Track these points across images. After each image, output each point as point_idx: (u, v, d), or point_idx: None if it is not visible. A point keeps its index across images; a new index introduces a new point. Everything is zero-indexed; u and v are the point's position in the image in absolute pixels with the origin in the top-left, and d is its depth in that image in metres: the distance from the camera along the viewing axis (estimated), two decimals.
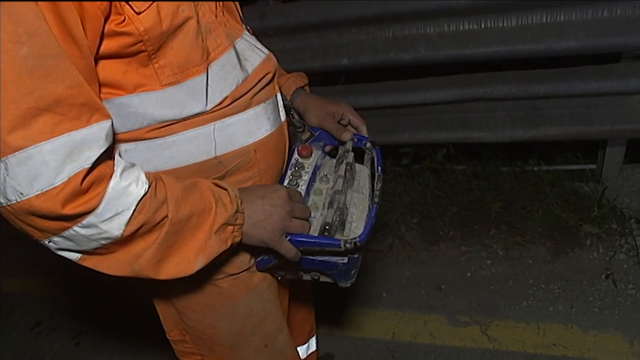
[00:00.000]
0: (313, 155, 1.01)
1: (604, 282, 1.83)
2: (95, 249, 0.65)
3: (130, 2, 0.63)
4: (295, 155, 0.99)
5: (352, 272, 0.90)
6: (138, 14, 0.64)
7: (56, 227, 0.61)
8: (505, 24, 1.82)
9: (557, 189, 2.15)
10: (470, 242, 2.16)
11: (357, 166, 1.04)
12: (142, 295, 0.96)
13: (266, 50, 0.88)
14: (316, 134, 1.04)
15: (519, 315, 1.80)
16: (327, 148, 1.05)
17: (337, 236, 0.86)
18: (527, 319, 1.78)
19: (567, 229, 2.03)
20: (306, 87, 1.09)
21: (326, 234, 0.83)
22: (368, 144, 1.02)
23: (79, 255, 0.67)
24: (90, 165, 0.59)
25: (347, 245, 0.79)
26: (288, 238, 0.80)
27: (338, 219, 0.85)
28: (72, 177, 0.58)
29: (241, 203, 0.76)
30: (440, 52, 1.92)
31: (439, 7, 1.84)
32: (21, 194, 0.57)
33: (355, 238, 0.80)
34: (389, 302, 2.00)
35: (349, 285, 0.92)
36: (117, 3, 0.62)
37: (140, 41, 0.66)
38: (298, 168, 0.97)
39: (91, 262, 0.67)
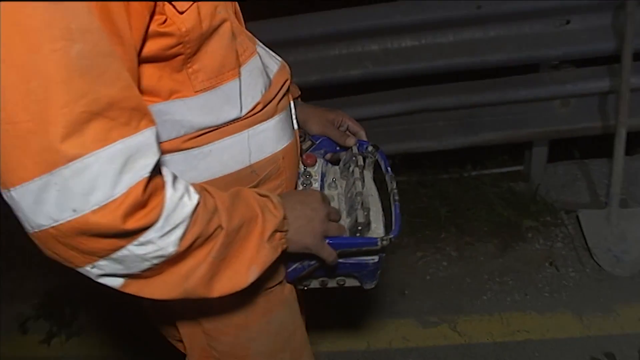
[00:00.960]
0: (317, 163, 1.08)
1: (549, 269, 2.10)
2: (144, 270, 0.61)
3: (172, 2, 0.61)
4: (300, 165, 1.06)
5: (378, 272, 0.95)
6: (181, 13, 0.62)
7: (108, 247, 0.56)
8: (442, 40, 2.07)
9: (495, 190, 2.43)
10: (424, 247, 2.34)
11: None
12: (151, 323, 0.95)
13: (280, 58, 0.90)
14: (317, 142, 1.11)
15: (482, 308, 2.00)
16: (328, 155, 1.13)
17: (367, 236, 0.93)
18: (489, 311, 1.98)
19: (509, 226, 2.29)
20: (299, 98, 1.16)
21: (358, 234, 0.90)
22: (370, 148, 1.10)
23: (122, 281, 0.62)
24: (148, 175, 0.56)
25: (384, 243, 0.84)
26: (327, 241, 0.83)
27: (364, 219, 0.91)
28: (133, 187, 0.54)
29: (284, 209, 0.76)
30: (386, 67, 2.12)
31: (382, 25, 2.04)
32: (74, 210, 0.52)
33: (389, 235, 0.85)
34: (357, 314, 2.10)
35: (373, 286, 0.97)
36: (159, 2, 0.60)
37: (180, 43, 0.64)
38: (307, 177, 1.03)
39: (135, 288, 0.63)
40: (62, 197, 0.52)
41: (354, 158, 1.06)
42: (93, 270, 0.59)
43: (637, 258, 2.00)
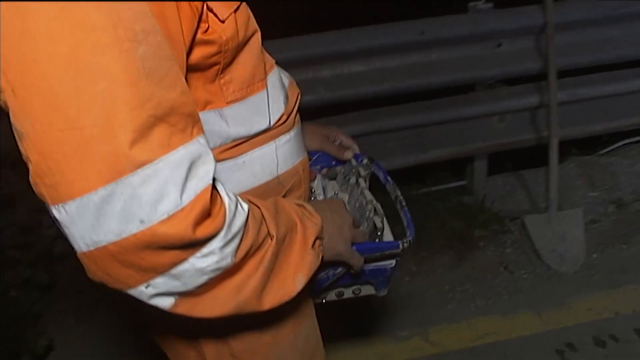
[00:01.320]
0: (317, 178, 1.13)
1: (504, 273, 2.27)
2: (199, 286, 0.59)
3: (214, 9, 0.61)
4: None
5: (392, 277, 0.99)
6: (222, 22, 0.63)
7: (171, 260, 0.54)
8: (389, 64, 2.22)
9: (445, 205, 2.60)
10: None
11: None
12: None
13: (287, 73, 0.94)
14: (314, 157, 1.17)
15: (449, 317, 2.11)
16: (324, 170, 1.18)
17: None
18: (456, 319, 2.10)
19: (462, 237, 2.45)
20: None
21: (377, 240, 0.95)
22: (366, 160, 1.16)
23: (173, 301, 0.59)
24: (211, 181, 0.55)
25: (405, 245, 0.88)
26: (354, 247, 0.84)
27: (382, 225, 0.95)
28: (200, 194, 0.53)
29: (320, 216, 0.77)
30: (338, 92, 2.23)
31: (333, 52, 2.16)
32: (142, 221, 0.50)
33: (408, 237, 0.89)
34: (330, 336, 2.12)
35: (386, 292, 1.01)
36: (204, 9, 0.60)
37: (220, 52, 0.65)
38: (310, 192, 1.08)
39: (186, 307, 0.60)
40: (129, 207, 0.49)
41: (353, 170, 1.12)
42: (147, 289, 0.56)
43: (578, 254, 2.22)
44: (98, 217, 0.50)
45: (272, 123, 0.78)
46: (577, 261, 2.20)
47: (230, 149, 0.74)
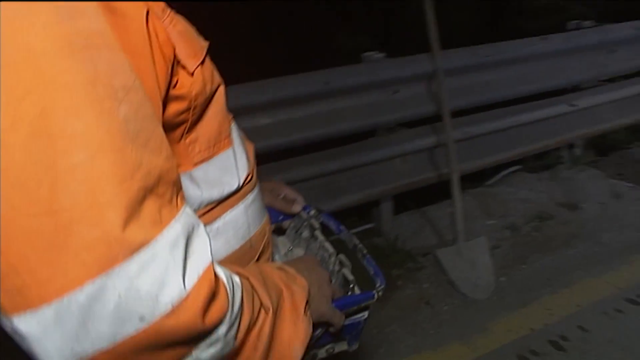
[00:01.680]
0: None
1: (425, 308, 2.36)
2: None
3: (183, 61, 0.56)
4: None
5: (363, 330, 0.95)
6: (191, 74, 0.57)
7: (172, 358, 0.46)
8: (296, 115, 2.28)
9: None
10: None
11: None
12: None
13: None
14: None
15: None
16: (272, 226, 1.16)
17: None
18: None
19: None
20: None
21: (349, 293, 0.94)
22: (313, 211, 1.16)
23: None
24: (211, 257, 0.49)
25: (380, 294, 0.86)
26: (334, 305, 0.82)
27: (353, 276, 0.92)
28: (204, 274, 0.46)
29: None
30: None
31: (239, 105, 2.16)
32: (142, 318, 0.41)
33: (380, 285, 0.88)
34: None
35: (357, 347, 1.01)
36: (175, 59, 0.55)
37: (189, 108, 0.59)
38: None
39: None
40: (125, 303, 0.41)
41: (305, 223, 1.10)
42: None
43: (489, 280, 2.40)
44: (84, 322, 0.40)
45: (241, 182, 0.73)
46: (489, 286, 2.38)
47: (203, 215, 0.67)
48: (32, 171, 0.38)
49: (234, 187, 0.71)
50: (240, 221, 0.75)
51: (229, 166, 0.70)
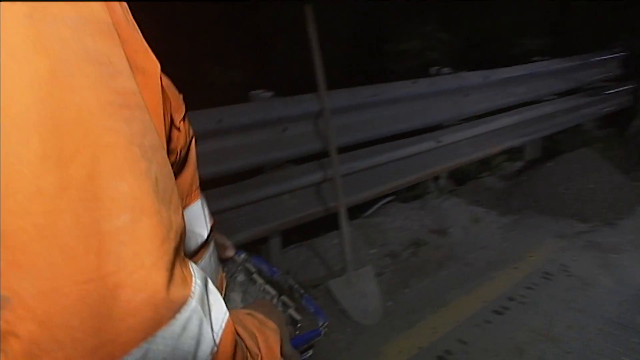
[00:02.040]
0: None
1: (321, 340, 2.45)
2: None
3: (173, 116, 0.56)
4: None
5: None
6: (178, 129, 0.57)
7: None
8: None
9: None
10: None
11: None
12: None
13: None
14: None
15: None
16: None
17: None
18: None
19: None
20: None
21: (297, 332, 0.98)
22: (243, 255, 1.17)
23: None
24: (226, 308, 0.51)
25: (325, 330, 0.92)
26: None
27: (299, 316, 0.97)
28: (226, 326, 0.49)
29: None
30: None
31: None
32: None
33: (325, 322, 0.94)
34: None
35: None
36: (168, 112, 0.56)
37: (175, 162, 0.58)
38: None
39: None
40: None
41: (240, 267, 1.12)
42: None
43: (377, 306, 2.58)
44: None
45: (209, 232, 0.73)
46: (378, 312, 2.55)
47: None
48: (81, 236, 0.37)
49: (205, 237, 0.71)
50: (208, 271, 0.74)
51: (199, 218, 0.70)
